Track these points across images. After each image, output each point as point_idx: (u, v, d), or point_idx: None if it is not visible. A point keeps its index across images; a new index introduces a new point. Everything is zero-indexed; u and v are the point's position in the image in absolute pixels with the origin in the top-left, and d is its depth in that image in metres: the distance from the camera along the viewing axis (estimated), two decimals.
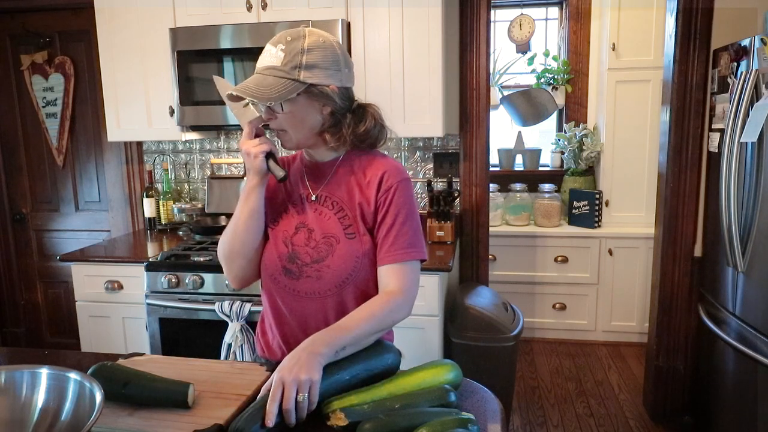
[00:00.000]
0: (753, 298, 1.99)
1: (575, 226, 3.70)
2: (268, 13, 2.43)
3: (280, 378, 0.99)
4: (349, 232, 1.23)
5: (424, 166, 2.83)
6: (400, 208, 1.22)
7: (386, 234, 1.21)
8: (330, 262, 1.21)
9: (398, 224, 1.21)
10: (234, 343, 2.15)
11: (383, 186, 1.22)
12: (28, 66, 3.12)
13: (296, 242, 1.24)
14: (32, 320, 3.42)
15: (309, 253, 1.23)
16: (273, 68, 1.14)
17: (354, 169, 1.27)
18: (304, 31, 1.17)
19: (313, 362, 1.01)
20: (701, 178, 2.45)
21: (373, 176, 1.24)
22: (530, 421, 2.74)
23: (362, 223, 1.23)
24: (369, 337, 1.14)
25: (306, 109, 1.18)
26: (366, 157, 1.28)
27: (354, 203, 1.24)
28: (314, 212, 1.25)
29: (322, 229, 1.23)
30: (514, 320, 2.47)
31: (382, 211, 1.22)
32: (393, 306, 1.17)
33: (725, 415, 2.24)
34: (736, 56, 2.06)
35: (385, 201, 1.22)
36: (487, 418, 1.06)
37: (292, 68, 1.13)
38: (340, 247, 1.21)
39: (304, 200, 1.28)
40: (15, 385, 0.96)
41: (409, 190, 1.25)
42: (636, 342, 3.57)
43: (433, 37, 2.35)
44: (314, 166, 1.30)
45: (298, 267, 1.23)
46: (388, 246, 1.21)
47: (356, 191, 1.24)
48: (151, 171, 3.02)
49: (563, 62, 3.95)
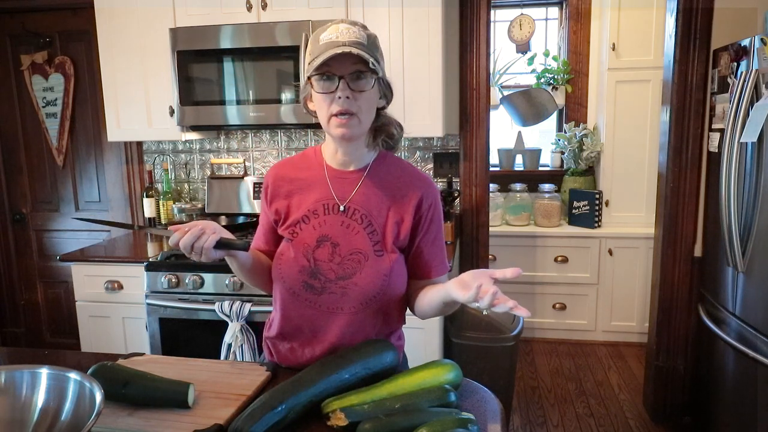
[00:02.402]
0: (753, 298, 1.99)
1: (575, 226, 3.70)
2: (268, 13, 2.43)
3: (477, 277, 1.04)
4: (378, 248, 1.18)
5: (424, 166, 2.83)
6: (439, 223, 1.24)
7: (431, 249, 1.23)
8: (357, 279, 1.16)
9: (439, 239, 1.25)
10: (234, 343, 2.15)
11: (424, 204, 1.21)
12: (28, 66, 3.12)
13: (318, 257, 1.18)
14: (32, 320, 3.42)
15: (334, 270, 1.17)
16: (361, 45, 1.09)
17: (384, 181, 1.21)
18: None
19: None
20: (701, 178, 2.45)
21: (411, 192, 1.21)
22: (530, 421, 2.74)
23: (393, 240, 1.19)
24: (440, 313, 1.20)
25: (376, 96, 1.17)
26: (395, 168, 1.24)
27: (386, 219, 1.19)
28: (341, 225, 1.18)
29: (350, 244, 1.17)
30: (514, 320, 2.47)
31: (424, 228, 1.21)
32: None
33: (725, 415, 2.24)
34: (736, 56, 2.06)
35: (427, 218, 1.21)
36: (487, 418, 1.06)
37: (374, 50, 1.13)
38: (368, 265, 1.17)
39: (328, 210, 1.20)
40: (15, 385, 0.96)
41: (440, 204, 1.27)
42: (636, 342, 3.57)
43: (433, 37, 2.35)
44: (339, 174, 1.22)
45: (321, 283, 1.18)
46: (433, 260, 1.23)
47: (390, 206, 1.20)
48: (151, 171, 3.02)
49: (563, 62, 3.95)
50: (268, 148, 2.96)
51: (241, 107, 2.44)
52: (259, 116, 2.44)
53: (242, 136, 2.97)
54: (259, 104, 2.42)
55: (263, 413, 0.96)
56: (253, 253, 1.24)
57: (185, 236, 1.07)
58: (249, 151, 2.98)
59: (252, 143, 2.97)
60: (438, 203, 1.24)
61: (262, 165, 2.98)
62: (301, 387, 1.02)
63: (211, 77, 2.45)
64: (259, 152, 2.97)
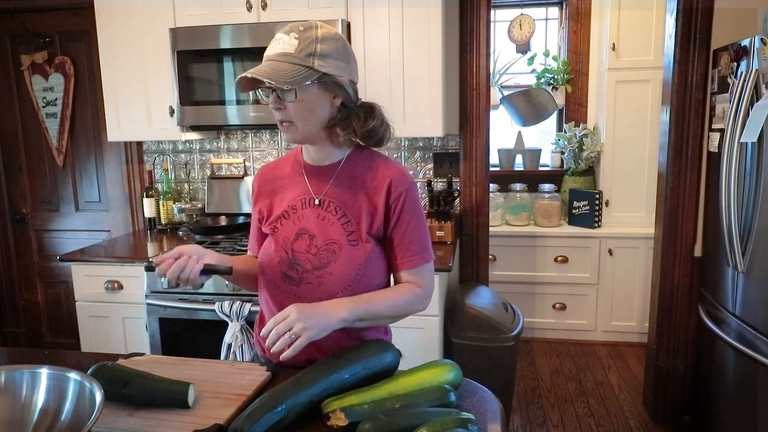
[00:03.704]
0: (753, 298, 1.99)
1: (575, 226, 3.70)
2: (268, 13, 2.43)
3: (291, 310, 1.07)
4: (352, 238, 1.22)
5: (424, 166, 2.83)
6: (411, 214, 1.24)
7: (401, 240, 1.24)
8: (332, 269, 1.21)
9: (412, 230, 1.24)
10: (234, 343, 2.15)
11: (393, 193, 1.22)
12: (28, 66, 3.12)
13: (297, 249, 1.23)
14: (32, 320, 3.42)
15: (310, 260, 1.22)
16: (287, 54, 1.13)
17: (358, 174, 1.25)
18: (316, 22, 1.17)
19: (326, 323, 1.09)
20: (701, 178, 2.45)
21: (381, 182, 1.23)
22: (530, 421, 2.74)
23: (367, 229, 1.22)
24: (385, 319, 1.22)
25: (317, 98, 1.17)
26: (370, 161, 1.27)
27: (359, 209, 1.23)
28: (317, 217, 1.23)
29: (325, 235, 1.22)
30: (514, 320, 2.47)
31: (394, 218, 1.23)
32: (414, 298, 1.24)
33: (725, 415, 2.24)
34: (736, 56, 2.06)
35: (396, 208, 1.23)
36: (487, 418, 1.06)
37: (307, 56, 1.13)
38: (342, 254, 1.21)
39: (305, 204, 1.25)
40: (15, 385, 0.96)
41: (417, 195, 1.27)
42: (636, 342, 3.57)
43: (433, 37, 2.35)
44: (315, 170, 1.27)
45: (298, 273, 1.22)
46: (405, 252, 1.24)
47: (362, 197, 1.23)
48: (151, 171, 3.02)
49: (563, 62, 3.95)
50: (268, 148, 2.96)
51: (241, 107, 2.45)
52: (259, 116, 2.44)
53: (242, 136, 2.97)
54: (259, 104, 2.42)
55: (263, 413, 0.96)
56: (241, 265, 1.30)
57: (171, 268, 1.12)
58: (249, 151, 2.98)
59: (252, 143, 2.97)
60: (410, 196, 1.24)
61: (262, 165, 2.97)
62: (301, 387, 1.02)
63: (211, 77, 2.45)
64: (259, 152, 2.97)
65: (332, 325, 1.10)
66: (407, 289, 1.24)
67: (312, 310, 1.08)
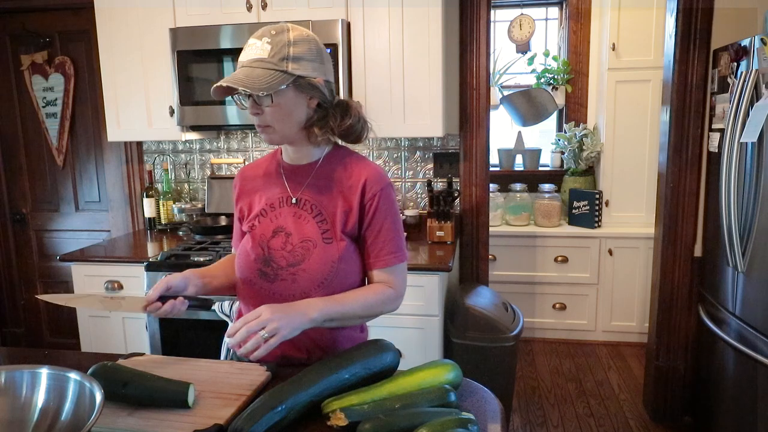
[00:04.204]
0: (753, 298, 1.99)
1: (575, 226, 3.70)
2: (268, 13, 2.43)
3: (262, 310, 1.08)
4: (327, 236, 1.24)
5: (424, 166, 2.83)
6: (386, 214, 1.25)
7: (374, 239, 1.25)
8: (306, 266, 1.22)
9: (385, 230, 1.25)
10: None
11: (367, 193, 1.24)
12: (28, 66, 3.12)
13: (273, 246, 1.25)
14: (32, 320, 3.42)
15: (285, 257, 1.24)
16: (260, 60, 1.14)
17: (334, 173, 1.27)
18: (287, 25, 1.18)
19: (297, 322, 1.10)
20: (701, 178, 2.45)
21: (356, 182, 1.25)
22: (530, 421, 2.74)
23: (341, 228, 1.24)
24: (356, 319, 1.24)
25: (294, 101, 1.18)
26: (347, 161, 1.28)
27: (334, 208, 1.25)
28: (293, 216, 1.26)
29: (301, 233, 1.24)
30: (514, 320, 2.47)
31: (368, 218, 1.25)
32: (385, 298, 1.25)
33: (725, 415, 2.24)
34: (736, 56, 2.06)
35: (370, 207, 1.24)
36: (487, 418, 1.06)
37: (280, 60, 1.14)
38: (317, 252, 1.22)
39: (283, 203, 1.28)
40: (15, 385, 0.96)
41: (392, 196, 1.28)
42: (636, 342, 3.57)
43: (433, 37, 2.35)
44: (293, 169, 1.30)
45: (273, 270, 1.24)
46: (378, 251, 1.25)
47: (338, 196, 1.25)
48: (151, 171, 3.02)
49: (563, 62, 3.95)
50: (267, 148, 2.96)
51: None
52: None
53: (242, 136, 2.97)
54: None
55: (263, 413, 0.96)
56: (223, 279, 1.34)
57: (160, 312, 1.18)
58: (249, 151, 2.98)
59: (252, 143, 2.97)
60: (385, 195, 1.25)
61: None
62: (301, 387, 1.02)
63: (211, 77, 2.45)
64: (259, 152, 2.97)
65: (303, 324, 1.11)
66: (378, 289, 1.25)
67: (284, 310, 1.09)
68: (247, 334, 1.05)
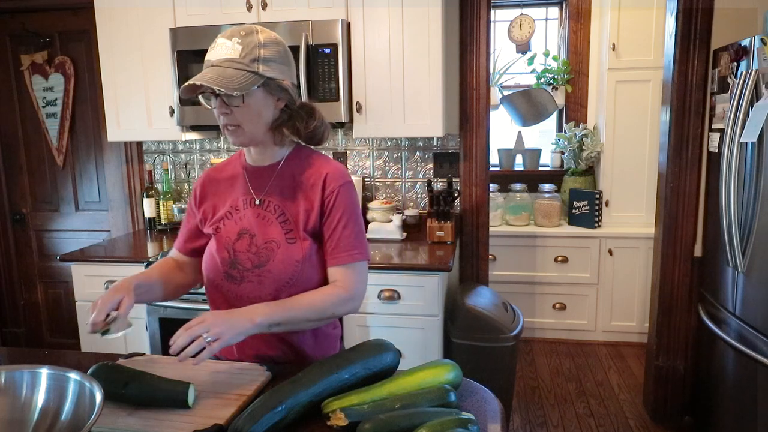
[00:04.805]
0: (753, 298, 1.99)
1: (575, 226, 3.70)
2: (268, 13, 2.43)
3: (206, 316, 1.09)
4: (290, 237, 1.24)
5: (424, 166, 2.83)
6: (343, 211, 1.25)
7: (331, 236, 1.25)
8: (271, 266, 1.23)
9: (341, 227, 1.25)
10: None
11: (327, 189, 1.24)
12: (28, 66, 3.12)
13: (238, 248, 1.25)
14: (32, 320, 3.42)
15: (250, 259, 1.24)
16: (232, 60, 1.14)
17: (296, 173, 1.28)
18: (256, 26, 1.19)
19: (240, 327, 1.10)
20: (701, 178, 2.45)
21: (317, 180, 1.25)
22: (530, 421, 2.74)
23: (303, 227, 1.24)
24: (305, 323, 1.22)
25: (263, 102, 1.20)
26: (308, 160, 1.29)
27: (296, 208, 1.25)
28: (256, 217, 1.26)
29: (264, 234, 1.24)
30: (514, 320, 2.47)
31: (327, 214, 1.25)
32: (337, 300, 1.22)
33: (725, 415, 2.24)
34: (736, 56, 2.06)
35: (329, 203, 1.24)
36: (487, 418, 1.06)
37: (251, 61, 1.15)
38: (280, 252, 1.23)
39: (246, 204, 1.28)
40: (15, 385, 0.96)
41: (351, 193, 1.27)
42: (636, 342, 3.57)
43: (433, 37, 2.35)
44: (256, 171, 1.30)
45: (239, 273, 1.25)
46: (333, 248, 1.25)
47: (299, 195, 1.26)
48: (151, 171, 3.02)
49: (563, 62, 3.95)
50: None
51: None
52: None
53: None
54: None
55: (263, 413, 0.96)
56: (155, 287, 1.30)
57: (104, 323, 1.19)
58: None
59: None
60: (345, 192, 1.25)
61: None
62: (301, 387, 1.02)
63: None
64: None
65: (248, 329, 1.11)
66: (327, 291, 1.23)
67: (226, 316, 1.10)
68: (190, 339, 1.04)
